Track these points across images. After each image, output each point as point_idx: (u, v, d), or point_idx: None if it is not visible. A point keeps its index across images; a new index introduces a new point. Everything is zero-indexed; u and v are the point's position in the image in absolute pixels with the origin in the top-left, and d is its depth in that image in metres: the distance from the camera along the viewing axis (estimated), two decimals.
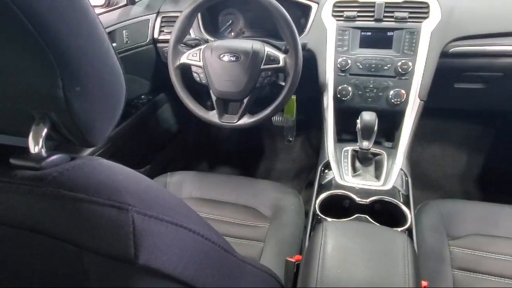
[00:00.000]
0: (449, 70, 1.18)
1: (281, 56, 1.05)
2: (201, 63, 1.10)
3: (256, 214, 1.06)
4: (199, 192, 1.15)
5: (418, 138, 1.78)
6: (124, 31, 1.26)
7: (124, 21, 1.27)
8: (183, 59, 1.12)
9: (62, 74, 0.34)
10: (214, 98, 1.12)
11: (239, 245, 1.01)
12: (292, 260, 0.78)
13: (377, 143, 1.21)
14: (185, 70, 1.14)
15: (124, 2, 1.35)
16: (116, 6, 1.33)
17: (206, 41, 1.23)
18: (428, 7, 1.13)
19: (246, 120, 1.10)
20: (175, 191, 1.16)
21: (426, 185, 1.68)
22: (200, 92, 1.37)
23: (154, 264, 0.36)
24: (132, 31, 1.30)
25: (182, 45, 1.14)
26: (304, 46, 1.16)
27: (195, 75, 1.12)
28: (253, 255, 0.98)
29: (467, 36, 1.13)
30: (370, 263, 0.62)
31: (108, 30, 1.20)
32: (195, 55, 1.10)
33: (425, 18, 1.13)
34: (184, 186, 1.17)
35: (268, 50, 1.06)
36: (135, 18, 1.32)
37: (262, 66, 1.05)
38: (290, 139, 1.33)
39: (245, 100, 1.09)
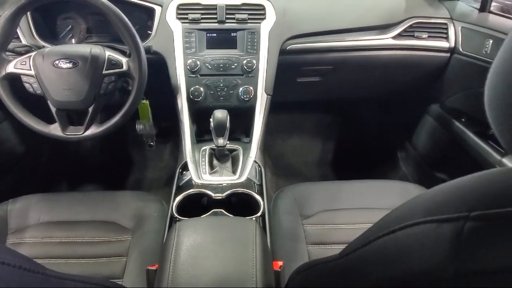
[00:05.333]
0: (289, 66, 1.30)
1: (123, 60, 1.00)
2: (32, 72, 0.98)
3: (117, 228, 1.00)
4: (49, 215, 1.03)
5: (278, 132, 1.92)
6: None
7: None
8: (10, 68, 0.98)
9: None
10: (53, 109, 1.01)
11: (99, 265, 0.93)
12: (153, 268, 0.75)
13: (236, 139, 1.26)
14: (15, 81, 1.01)
15: None
16: None
17: (41, 48, 1.11)
18: (264, 9, 1.22)
19: (93, 130, 1.02)
20: (19, 219, 1.02)
21: (289, 174, 1.81)
22: (42, 104, 1.23)
23: None
24: None
25: (7, 52, 1.00)
26: (148, 49, 1.14)
27: (26, 85, 1.00)
28: (115, 272, 0.91)
29: (300, 34, 1.26)
30: (221, 254, 0.64)
31: None
32: (24, 63, 0.98)
33: (262, 19, 1.22)
34: (31, 212, 1.04)
35: (109, 54, 1.00)
36: None
37: (104, 72, 0.99)
38: (151, 143, 1.30)
39: (90, 109, 1.01)
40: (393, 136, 1.80)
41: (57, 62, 0.98)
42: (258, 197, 0.94)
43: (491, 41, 1.14)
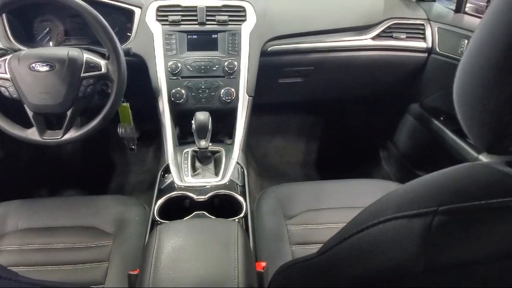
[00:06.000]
0: (271, 67, 1.30)
1: (102, 63, 0.99)
2: (8, 76, 0.96)
3: (98, 233, 0.98)
4: (28, 222, 1.01)
5: (262, 133, 1.92)
6: None
7: None
8: None
9: None
10: (30, 113, 0.99)
11: (80, 271, 0.91)
12: (134, 273, 0.74)
13: (219, 141, 1.25)
14: None
15: None
16: None
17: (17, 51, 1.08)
18: (244, 10, 1.22)
19: (72, 134, 1.01)
20: None
21: (273, 175, 1.82)
22: (19, 108, 1.21)
23: None
24: None
25: None
26: (128, 51, 1.13)
27: (2, 89, 0.98)
28: (97, 278, 0.90)
29: (280, 36, 1.26)
30: (202, 256, 0.63)
31: None
32: None
33: (243, 21, 1.22)
34: (9, 219, 1.01)
35: (88, 56, 0.99)
36: None
37: (82, 74, 0.97)
38: (133, 147, 1.28)
39: (69, 113, 0.99)
40: (375, 135, 1.82)
41: (33, 65, 0.96)
42: (240, 198, 0.94)
43: (466, 41, 1.17)
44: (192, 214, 0.87)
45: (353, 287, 0.36)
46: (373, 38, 1.32)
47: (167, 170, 1.05)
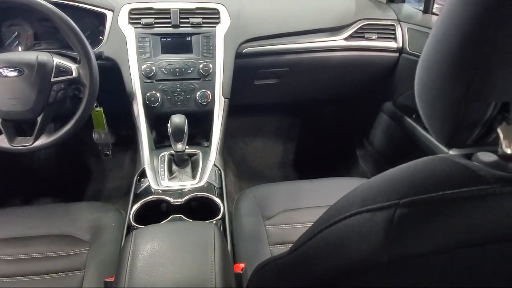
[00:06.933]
0: (246, 69, 1.31)
1: (73, 67, 0.97)
2: None
3: (73, 241, 0.96)
4: (0, 232, 0.97)
5: (240, 135, 1.92)
6: None
7: None
8: None
9: None
10: None
11: (55, 281, 0.89)
12: (111, 279, 0.73)
13: (197, 144, 1.25)
14: None
15: None
16: None
17: None
18: (218, 13, 1.22)
19: (43, 140, 0.98)
20: None
21: (252, 177, 1.82)
22: None
23: None
24: None
25: None
26: (100, 55, 1.11)
27: None
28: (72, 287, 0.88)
29: (255, 37, 1.27)
30: (179, 260, 0.63)
31: None
32: None
33: (217, 23, 1.22)
34: None
35: (58, 61, 0.97)
36: None
37: (53, 79, 0.95)
38: (107, 153, 1.26)
39: (39, 119, 0.97)
40: (351, 134, 1.85)
41: (1, 70, 0.93)
42: (218, 200, 0.94)
43: None
44: (169, 218, 0.86)
45: (323, 283, 0.37)
46: (346, 39, 1.35)
47: (143, 175, 1.04)
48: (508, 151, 0.29)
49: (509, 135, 0.29)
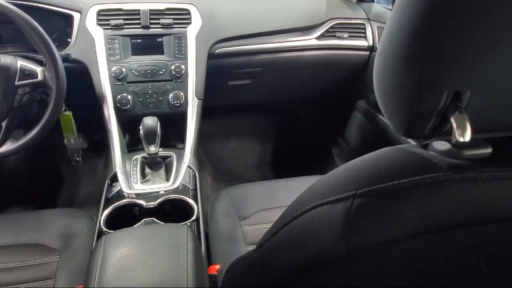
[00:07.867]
0: (220, 70, 1.30)
1: (38, 70, 0.94)
2: None
3: (43, 250, 0.93)
4: None
5: (217, 137, 1.91)
6: None
7: None
8: None
9: None
10: None
11: None
12: (80, 287, 0.71)
13: (172, 146, 1.23)
14: None
15: None
16: None
17: None
18: (189, 13, 1.21)
19: (8, 146, 0.95)
20: None
21: (230, 178, 1.81)
22: None
23: None
24: None
25: None
26: (67, 57, 1.08)
27: None
28: None
29: (227, 38, 1.27)
30: (150, 263, 0.62)
31: None
32: None
33: (188, 23, 1.21)
34: None
35: (22, 64, 0.94)
36: None
37: (17, 82, 0.92)
38: (77, 159, 1.23)
39: (4, 124, 0.93)
40: (327, 133, 1.87)
41: None
42: (191, 201, 0.93)
43: None
44: (141, 222, 0.85)
45: (288, 278, 0.36)
46: (318, 38, 1.36)
47: (114, 179, 1.02)
48: (461, 139, 0.30)
49: (461, 124, 0.30)
